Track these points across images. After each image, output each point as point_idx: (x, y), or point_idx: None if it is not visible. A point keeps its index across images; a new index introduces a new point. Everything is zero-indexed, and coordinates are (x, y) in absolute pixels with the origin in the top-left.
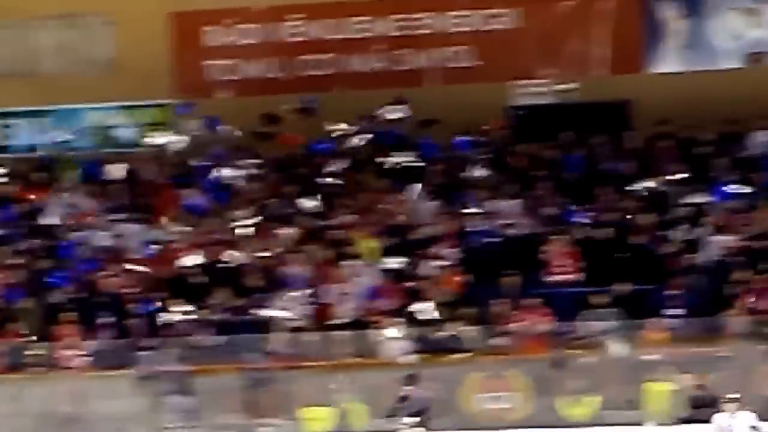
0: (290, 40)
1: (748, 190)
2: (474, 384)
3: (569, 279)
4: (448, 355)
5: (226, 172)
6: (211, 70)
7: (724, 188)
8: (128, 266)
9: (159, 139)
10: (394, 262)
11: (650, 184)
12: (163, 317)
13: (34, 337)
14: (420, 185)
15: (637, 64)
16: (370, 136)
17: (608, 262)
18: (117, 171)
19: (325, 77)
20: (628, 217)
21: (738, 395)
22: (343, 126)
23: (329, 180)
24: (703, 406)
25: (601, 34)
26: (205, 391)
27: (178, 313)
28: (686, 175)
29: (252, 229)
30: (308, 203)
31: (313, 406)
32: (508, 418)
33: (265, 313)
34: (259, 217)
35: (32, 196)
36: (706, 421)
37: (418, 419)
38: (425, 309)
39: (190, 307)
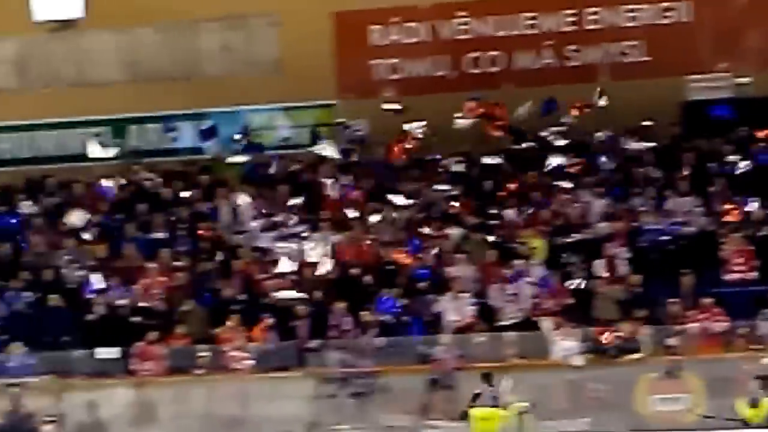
0: (457, 37)
1: None
2: (647, 385)
3: (746, 277)
4: (621, 356)
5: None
6: (376, 69)
7: None
8: (292, 267)
9: (325, 149)
10: (563, 262)
11: None
12: (328, 318)
13: (199, 340)
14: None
15: None
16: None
17: None
18: (280, 172)
19: (493, 75)
20: None
21: None
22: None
23: (497, 179)
24: None
25: None
26: (371, 391)
27: (341, 314)
28: None
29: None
30: (474, 203)
31: (481, 409)
32: (682, 420)
33: (431, 314)
34: (428, 218)
35: (196, 199)
36: None
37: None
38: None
39: (355, 309)
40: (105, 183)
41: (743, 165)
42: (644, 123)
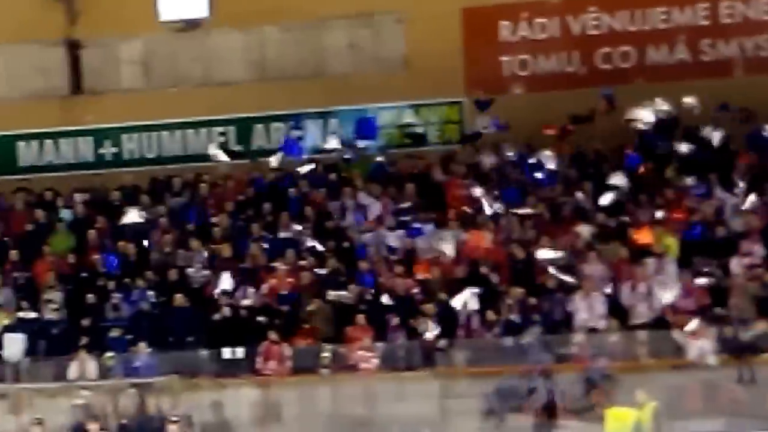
0: (588, 33)
1: None
2: None
3: None
4: (757, 355)
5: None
6: (505, 65)
7: None
8: (420, 266)
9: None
10: (697, 261)
11: None
12: (455, 317)
13: (325, 339)
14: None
15: None
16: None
17: None
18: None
19: (625, 70)
20: None
21: None
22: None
23: (629, 176)
24: None
25: None
26: (497, 392)
27: (468, 312)
28: None
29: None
30: (606, 200)
31: (615, 407)
32: None
33: (562, 312)
34: (554, 215)
35: (322, 198)
36: None
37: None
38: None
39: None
40: None
41: None
42: None
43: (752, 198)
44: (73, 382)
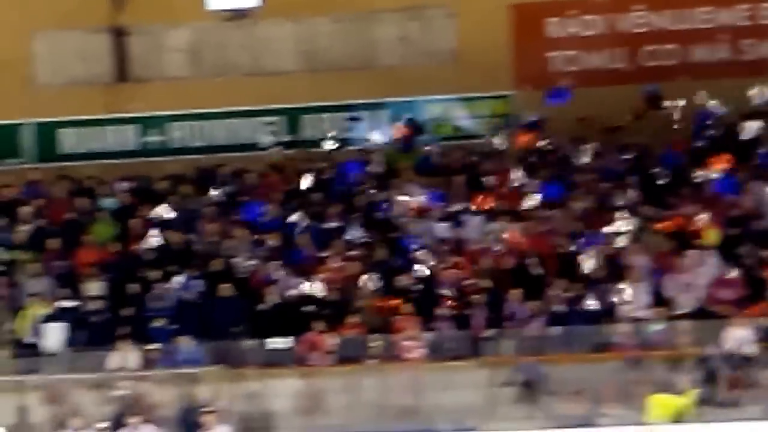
0: (634, 30)
1: None
2: None
3: None
4: None
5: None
6: (553, 61)
7: None
8: (468, 257)
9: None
10: (739, 252)
11: None
12: (503, 307)
13: (372, 329)
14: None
15: None
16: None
17: None
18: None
19: (669, 68)
20: None
21: None
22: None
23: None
24: None
25: None
26: (544, 380)
27: (516, 303)
28: None
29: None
30: (646, 193)
31: (658, 395)
32: None
33: (605, 303)
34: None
35: (371, 188)
36: None
37: None
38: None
39: (529, 298)
40: None
41: None
42: None
43: None
44: (114, 372)
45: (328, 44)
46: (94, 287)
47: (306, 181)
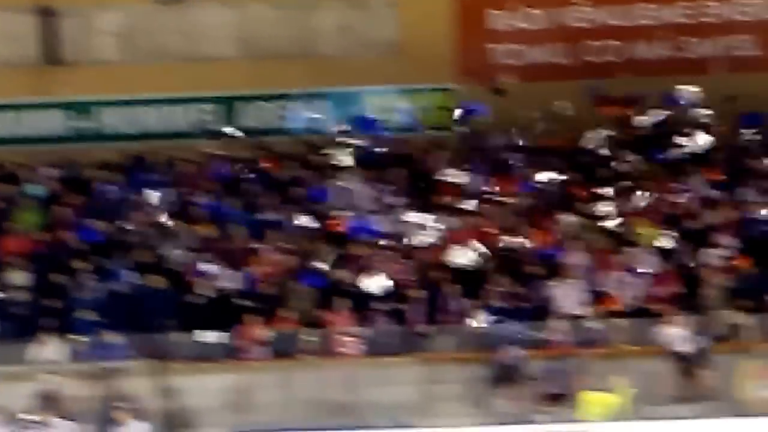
0: (576, 25)
1: None
2: (749, 372)
3: None
4: (725, 343)
5: (504, 160)
6: (495, 54)
7: None
8: (406, 253)
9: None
10: (673, 250)
11: None
12: (440, 303)
13: (306, 324)
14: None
15: None
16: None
17: None
18: (395, 155)
19: (610, 64)
20: None
21: None
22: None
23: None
24: None
25: None
26: (479, 378)
27: (453, 299)
28: None
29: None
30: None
31: (592, 392)
32: None
33: (544, 300)
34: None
35: (307, 180)
36: None
37: None
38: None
39: (467, 294)
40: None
41: None
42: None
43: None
44: (37, 365)
45: (267, 31)
46: (19, 277)
47: (243, 171)
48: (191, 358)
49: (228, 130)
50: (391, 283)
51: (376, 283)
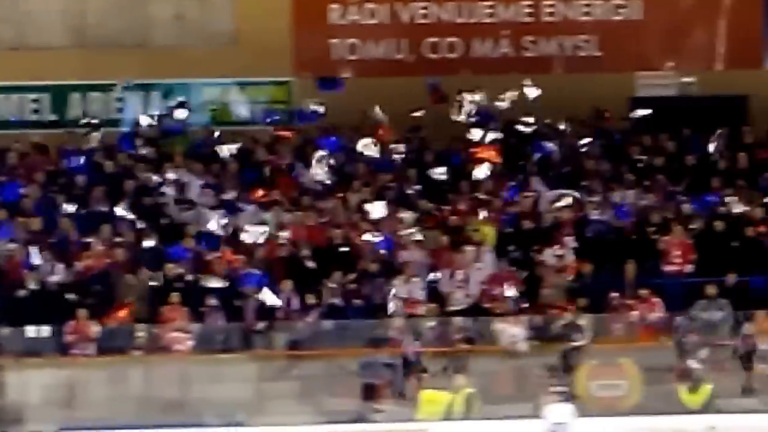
0: (416, 21)
1: None
2: (587, 371)
3: (684, 269)
4: (564, 343)
5: (344, 154)
6: (334, 48)
7: None
8: (240, 248)
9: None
10: (513, 250)
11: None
12: (275, 300)
13: (138, 319)
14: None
15: (756, 60)
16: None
17: (721, 253)
18: (229, 149)
19: (451, 61)
20: (743, 209)
21: None
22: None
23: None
24: None
25: (722, 28)
26: (317, 375)
27: (289, 296)
28: None
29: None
30: (427, 188)
31: (429, 391)
32: (620, 406)
33: (380, 297)
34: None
35: (140, 172)
36: None
37: None
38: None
39: (302, 291)
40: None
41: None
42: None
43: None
44: None
45: (98, 20)
46: None
47: (72, 162)
48: (19, 354)
49: (57, 119)
50: (225, 278)
51: (210, 278)
